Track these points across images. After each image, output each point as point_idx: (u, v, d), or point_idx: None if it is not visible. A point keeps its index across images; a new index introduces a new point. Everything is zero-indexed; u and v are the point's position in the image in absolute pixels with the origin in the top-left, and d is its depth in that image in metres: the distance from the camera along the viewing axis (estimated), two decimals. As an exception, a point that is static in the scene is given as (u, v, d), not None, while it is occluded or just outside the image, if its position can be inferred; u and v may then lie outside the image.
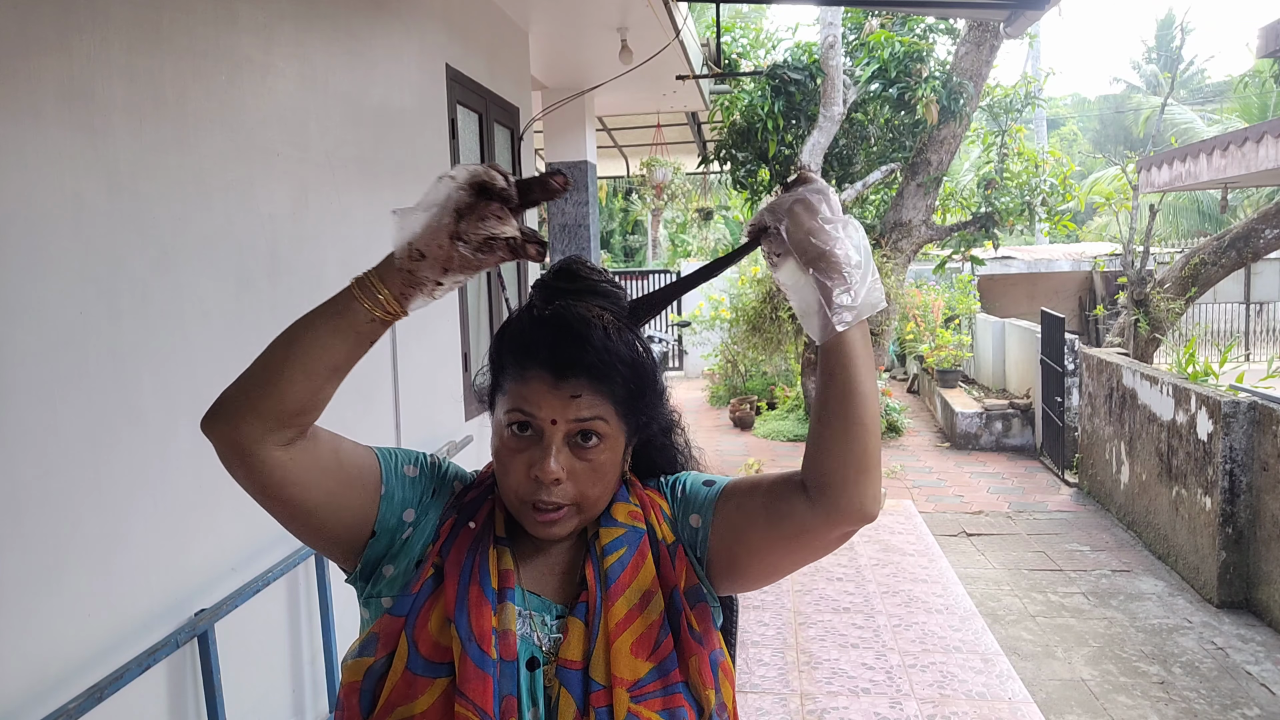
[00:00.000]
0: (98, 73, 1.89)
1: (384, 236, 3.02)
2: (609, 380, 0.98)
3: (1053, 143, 24.10)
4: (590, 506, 1.02)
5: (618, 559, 1.03)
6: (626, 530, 1.05)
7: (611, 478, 1.04)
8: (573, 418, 0.97)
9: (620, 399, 1.00)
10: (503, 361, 1.01)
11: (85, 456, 1.84)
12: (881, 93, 8.82)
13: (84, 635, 1.82)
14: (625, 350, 0.99)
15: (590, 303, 1.01)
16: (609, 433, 1.00)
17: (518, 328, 1.01)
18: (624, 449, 1.05)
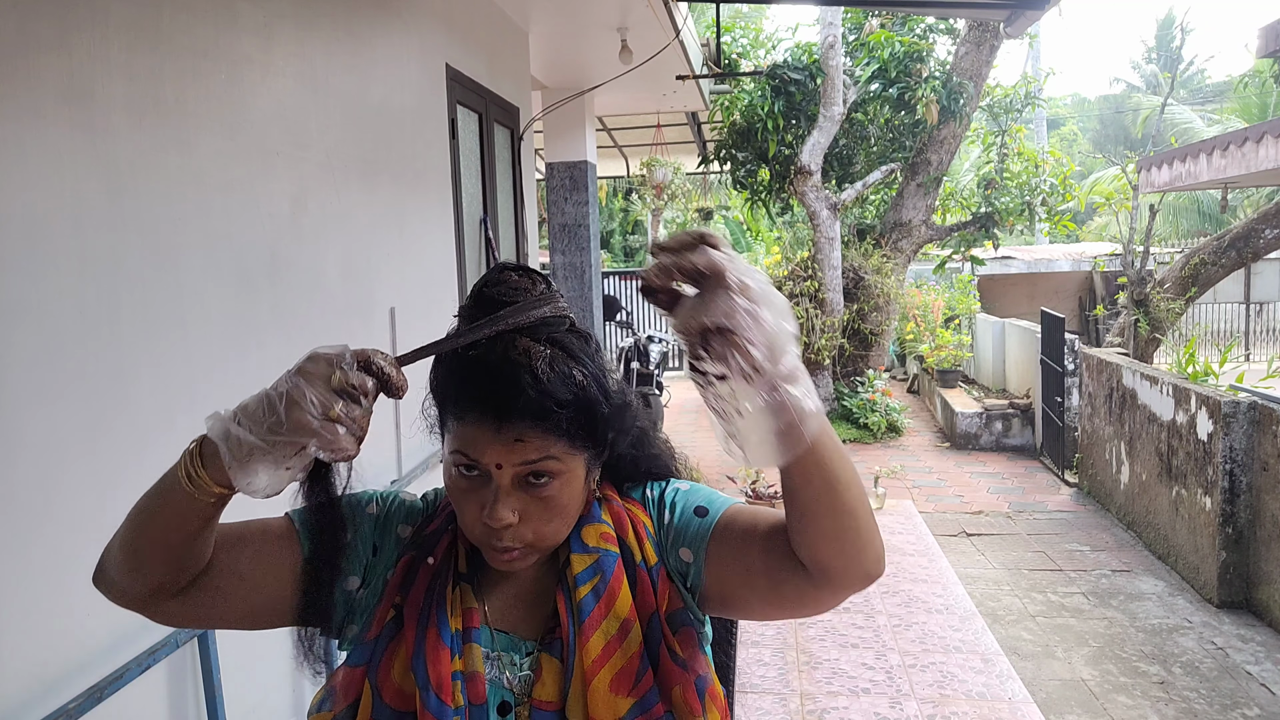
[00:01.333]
0: (98, 72, 1.89)
1: (383, 237, 3.03)
2: (552, 418, 0.90)
3: (1053, 143, 24.10)
4: (548, 541, 0.97)
5: (591, 589, 0.98)
6: (599, 555, 0.99)
7: (572, 510, 0.98)
8: (518, 461, 0.91)
9: (570, 432, 0.92)
10: (442, 398, 0.95)
11: (85, 456, 1.84)
12: (881, 93, 8.82)
13: (84, 635, 1.82)
14: (564, 385, 0.91)
15: (521, 336, 0.91)
16: (563, 468, 0.93)
17: (450, 368, 0.93)
18: (586, 475, 0.98)
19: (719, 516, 1.01)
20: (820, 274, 8.71)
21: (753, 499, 5.46)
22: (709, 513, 1.02)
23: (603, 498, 1.05)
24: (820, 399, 3.92)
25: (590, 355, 0.96)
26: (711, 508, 1.03)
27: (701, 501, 1.04)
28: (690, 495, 1.06)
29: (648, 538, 1.02)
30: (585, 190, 6.85)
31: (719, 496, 1.05)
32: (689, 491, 1.07)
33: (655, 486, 1.08)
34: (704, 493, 1.06)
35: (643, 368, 8.69)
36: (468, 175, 4.38)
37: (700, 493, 1.06)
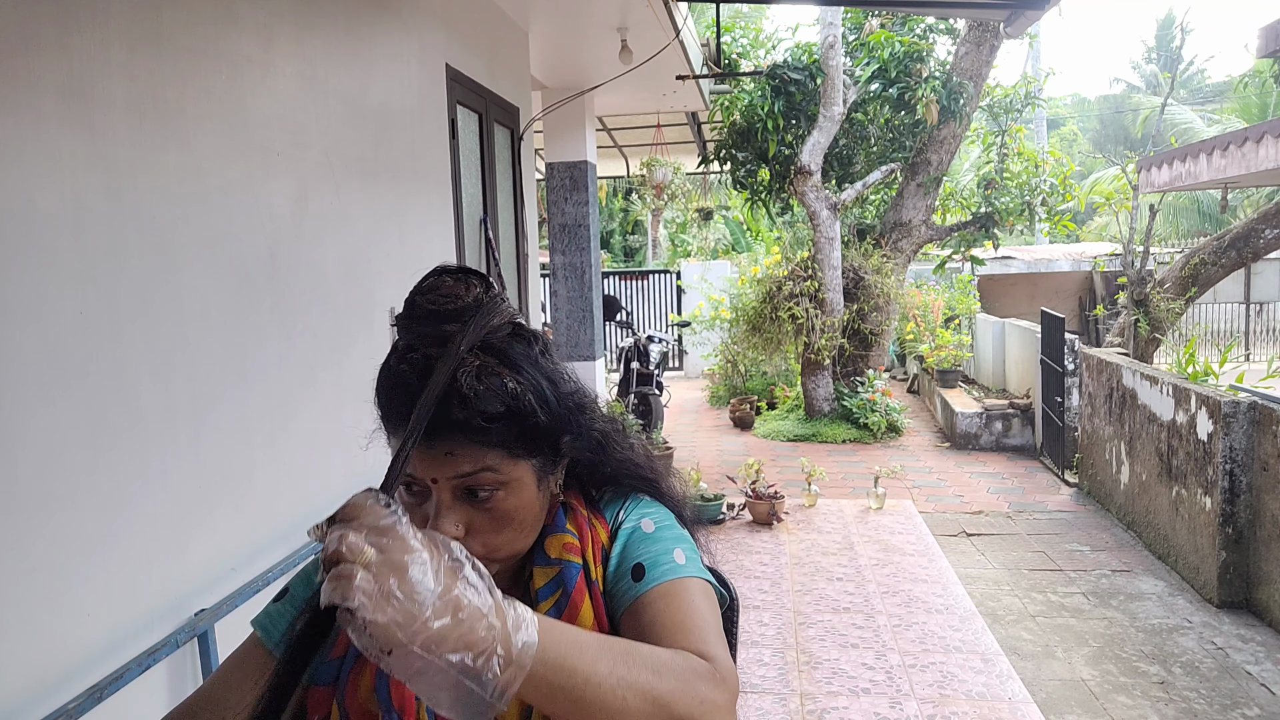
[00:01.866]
0: (97, 72, 1.89)
1: (383, 237, 3.03)
2: (483, 431, 0.86)
3: (1053, 143, 24.11)
4: (504, 552, 0.93)
5: (553, 604, 0.94)
6: (561, 568, 0.96)
7: (525, 519, 0.94)
8: (452, 475, 0.87)
9: (506, 442, 0.89)
10: (380, 413, 0.92)
11: (85, 456, 1.84)
12: (881, 93, 8.82)
13: (84, 635, 1.82)
14: (494, 396, 0.86)
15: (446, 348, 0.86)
16: (503, 478, 0.89)
17: (382, 379, 0.91)
18: (539, 482, 0.94)
19: (646, 591, 0.94)
20: (820, 274, 8.71)
21: (752, 499, 5.46)
22: (642, 578, 0.95)
23: (568, 505, 1.01)
24: (825, 397, 3.85)
25: (531, 360, 0.92)
26: (649, 573, 0.95)
27: (645, 558, 0.97)
28: (641, 543, 0.99)
29: (600, 559, 0.99)
30: (585, 190, 6.85)
31: (665, 559, 0.97)
32: (647, 537, 1.00)
33: (625, 507, 1.04)
34: (658, 543, 0.99)
35: (643, 368, 8.69)
36: (468, 175, 4.38)
37: (654, 543, 0.99)
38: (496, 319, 0.90)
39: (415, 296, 0.91)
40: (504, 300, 0.92)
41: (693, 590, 0.94)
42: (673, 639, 0.87)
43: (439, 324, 0.88)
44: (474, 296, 0.89)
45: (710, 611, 0.93)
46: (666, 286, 13.86)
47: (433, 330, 0.88)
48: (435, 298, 0.89)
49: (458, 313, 0.88)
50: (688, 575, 0.95)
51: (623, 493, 1.06)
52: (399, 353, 0.90)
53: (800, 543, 5.13)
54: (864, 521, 5.51)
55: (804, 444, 8.46)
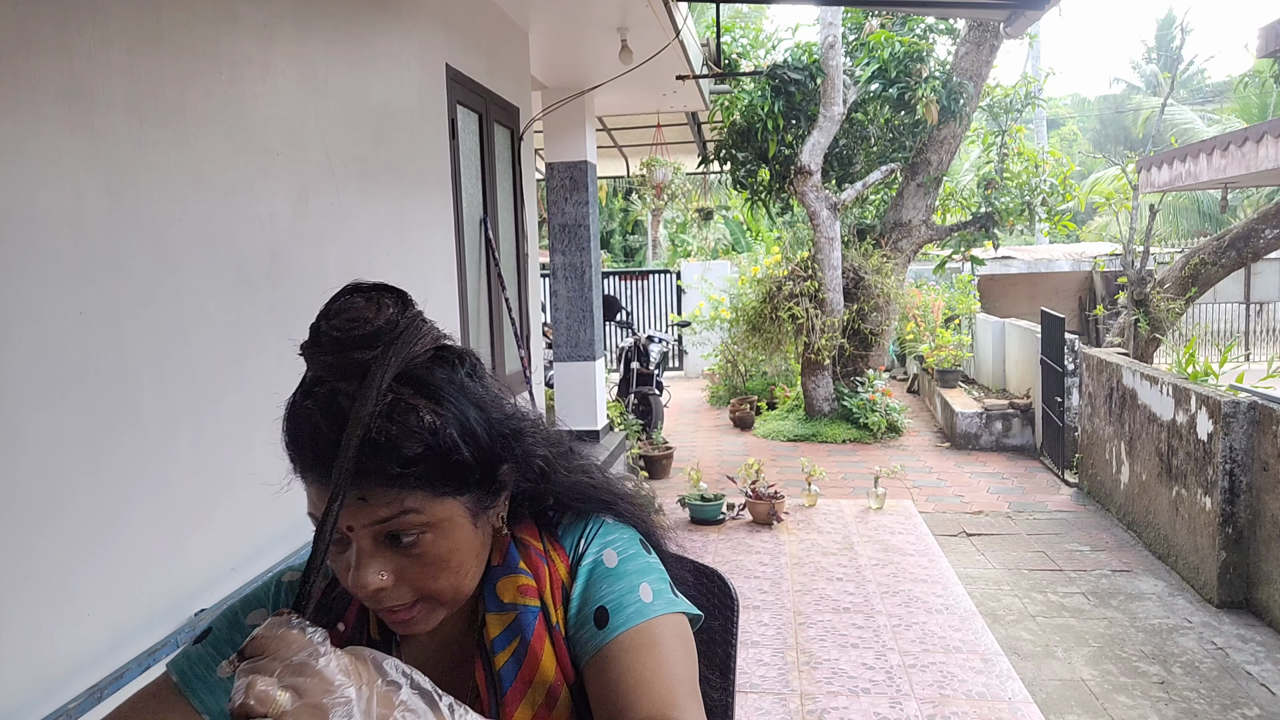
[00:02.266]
0: (98, 72, 1.89)
1: (383, 237, 3.04)
2: (395, 471, 0.77)
3: (1053, 143, 24.11)
4: (447, 597, 0.84)
5: (510, 655, 0.86)
6: (516, 613, 0.88)
7: (464, 560, 0.84)
8: (367, 522, 0.78)
9: (427, 481, 0.79)
10: (286, 451, 0.83)
11: (85, 457, 1.84)
12: (881, 93, 8.83)
13: (84, 635, 1.82)
14: (407, 436, 0.77)
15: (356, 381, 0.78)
16: (428, 520, 0.80)
17: (287, 417, 0.82)
18: (474, 518, 0.85)
19: (612, 640, 0.85)
20: (820, 274, 8.71)
21: (752, 499, 5.46)
22: (606, 624, 0.87)
23: (520, 541, 0.92)
24: (825, 397, 3.84)
25: (455, 385, 0.82)
26: (613, 618, 0.87)
27: (609, 600, 0.88)
28: (604, 581, 0.90)
29: (559, 601, 0.90)
30: (585, 190, 6.85)
31: (630, 600, 0.88)
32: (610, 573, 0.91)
33: (585, 534, 0.94)
34: (622, 579, 0.90)
35: (643, 368, 8.69)
36: (468, 175, 4.39)
37: (618, 580, 0.90)
38: (416, 345, 0.80)
39: (320, 322, 0.80)
40: (423, 320, 0.82)
41: (661, 637, 0.86)
42: (640, 704, 0.81)
43: (347, 352, 0.77)
44: (387, 318, 0.79)
45: (681, 658, 0.86)
46: (666, 286, 13.86)
47: (340, 360, 0.78)
48: (342, 322, 0.78)
49: (368, 338, 0.77)
50: (656, 615, 0.87)
51: (581, 516, 0.96)
52: (304, 387, 0.81)
53: (800, 543, 5.13)
54: (864, 521, 5.51)
55: (804, 444, 8.46)
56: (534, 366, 5.23)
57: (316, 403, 0.78)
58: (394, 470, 0.77)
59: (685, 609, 0.91)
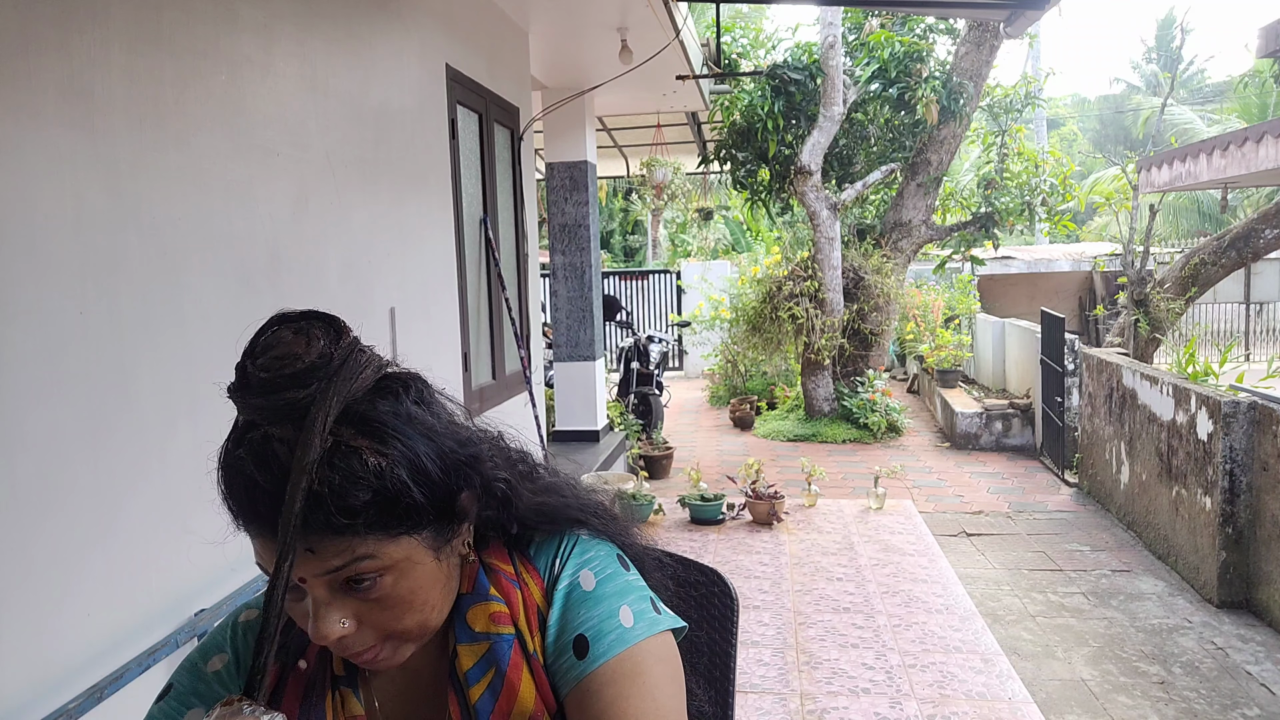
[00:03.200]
0: (98, 72, 1.89)
1: (383, 237, 3.03)
2: (341, 521, 0.72)
3: (1053, 143, 24.11)
4: (414, 634, 0.80)
5: (485, 687, 0.82)
6: (491, 643, 0.83)
7: (429, 596, 0.79)
8: (320, 572, 0.73)
9: (382, 523, 0.73)
10: (223, 501, 0.79)
11: (85, 456, 1.84)
12: (881, 93, 8.83)
13: (84, 635, 1.82)
14: (354, 485, 0.71)
15: (298, 419, 0.72)
16: (384, 563, 0.75)
17: (221, 466, 0.77)
18: (436, 552, 0.79)
19: (593, 672, 0.81)
20: (820, 274, 8.71)
21: (752, 499, 5.46)
22: (587, 654, 0.82)
23: (489, 567, 0.87)
24: (825, 397, 3.87)
25: (401, 418, 0.76)
26: (594, 647, 0.82)
27: (588, 628, 0.83)
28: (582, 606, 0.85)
29: (536, 626, 0.85)
30: (585, 190, 6.85)
31: (611, 626, 0.83)
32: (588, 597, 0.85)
33: (560, 553, 0.89)
34: (601, 604, 0.85)
35: (643, 368, 8.69)
36: (468, 175, 4.39)
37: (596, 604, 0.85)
38: (355, 381, 0.74)
39: (246, 362, 0.74)
40: (360, 349, 0.76)
41: (644, 665, 0.82)
42: None
43: (278, 393, 0.72)
44: (319, 352, 0.73)
45: (665, 686, 0.82)
46: (666, 286, 13.86)
47: (271, 403, 0.72)
48: (270, 361, 0.73)
49: (300, 376, 0.72)
50: (638, 640, 0.83)
51: (554, 532, 0.91)
52: (236, 434, 0.76)
53: (800, 543, 5.13)
54: (864, 521, 5.52)
55: (804, 444, 8.46)
56: (534, 366, 5.23)
57: (250, 451, 0.73)
58: (340, 521, 0.72)
59: (669, 624, 0.87)
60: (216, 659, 0.88)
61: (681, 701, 0.84)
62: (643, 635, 0.84)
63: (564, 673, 0.83)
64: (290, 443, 0.71)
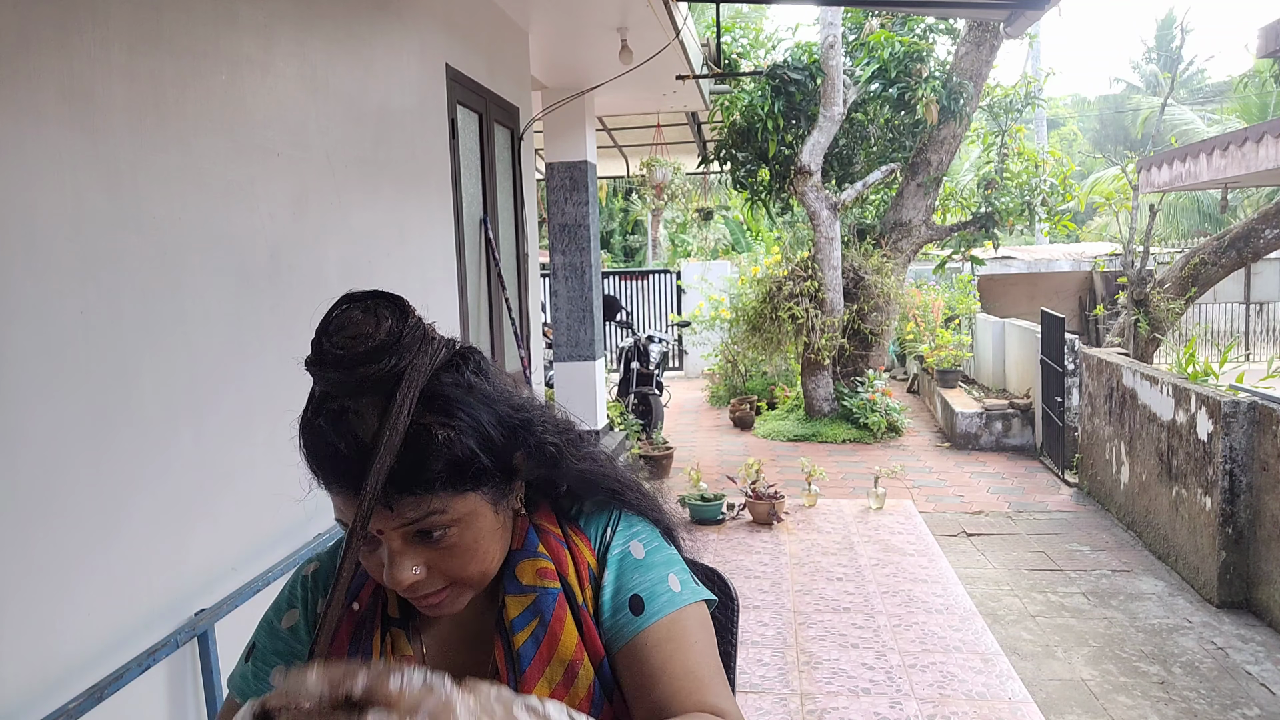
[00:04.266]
0: (98, 73, 1.89)
1: (383, 237, 3.03)
2: (416, 486, 0.81)
3: (1053, 143, 24.10)
4: (475, 580, 0.89)
5: (529, 634, 0.91)
6: (536, 595, 0.92)
7: (489, 547, 0.89)
8: (396, 525, 0.83)
9: (448, 483, 0.83)
10: (305, 463, 0.85)
11: (85, 456, 1.84)
12: (881, 93, 8.83)
13: (84, 635, 1.82)
14: (426, 458, 0.81)
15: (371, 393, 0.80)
16: (453, 517, 0.84)
17: (302, 433, 0.84)
18: (495, 506, 0.89)
19: (647, 628, 0.91)
20: (820, 274, 8.71)
21: (752, 499, 5.46)
22: (642, 612, 0.92)
23: (539, 527, 0.97)
24: (825, 397, 3.85)
25: (463, 389, 0.85)
26: (648, 605, 0.93)
27: (642, 589, 0.94)
28: (635, 571, 0.95)
29: (588, 579, 0.94)
30: (585, 190, 6.85)
31: (662, 589, 0.94)
32: (639, 564, 0.96)
33: (611, 525, 0.99)
34: (651, 570, 0.96)
35: (643, 368, 8.69)
36: (468, 175, 4.39)
37: (648, 570, 0.96)
38: (429, 365, 0.82)
39: (321, 339, 0.81)
40: (427, 332, 0.84)
41: (692, 625, 0.93)
42: (684, 691, 0.87)
43: (352, 369, 0.79)
44: (387, 331, 0.80)
45: (709, 644, 0.93)
46: (666, 286, 13.86)
47: (345, 377, 0.80)
48: (344, 340, 0.80)
49: (371, 354, 0.79)
50: (685, 604, 0.94)
51: (602, 508, 1.00)
52: (314, 404, 0.83)
53: (800, 543, 5.13)
54: (864, 521, 5.52)
55: (804, 444, 8.46)
56: (534, 366, 5.23)
57: (328, 421, 0.81)
58: (415, 486, 0.81)
59: (706, 596, 0.98)
60: (288, 616, 0.98)
61: (719, 659, 0.94)
62: (689, 600, 0.94)
63: (620, 628, 0.92)
64: (363, 413, 0.80)
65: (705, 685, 0.88)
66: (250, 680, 0.97)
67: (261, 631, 0.99)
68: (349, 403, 0.80)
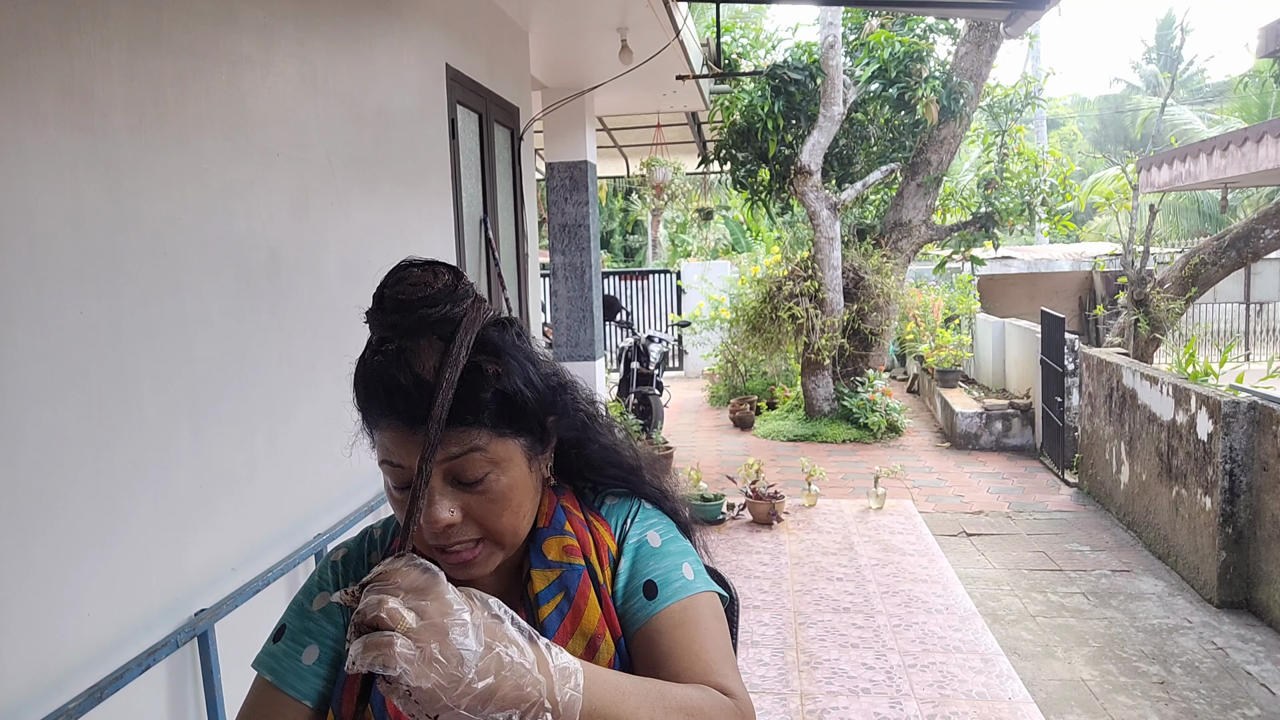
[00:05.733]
0: (98, 73, 1.89)
1: (383, 237, 3.03)
2: (466, 415, 0.86)
3: (1053, 143, 24.11)
4: (507, 537, 0.92)
5: (554, 608, 0.95)
6: (562, 570, 0.96)
7: (522, 501, 0.93)
8: (441, 458, 0.86)
9: (491, 421, 0.88)
10: (360, 410, 0.91)
11: (85, 456, 1.84)
12: (881, 93, 8.83)
13: (84, 635, 1.82)
14: (478, 387, 0.87)
15: (428, 333, 0.86)
16: (493, 458, 0.89)
17: (360, 374, 0.90)
18: (529, 462, 0.94)
19: (660, 612, 0.95)
20: (820, 274, 8.71)
21: (752, 499, 5.46)
22: (656, 596, 0.96)
23: (565, 509, 1.01)
24: (824, 397, 3.87)
25: (509, 343, 0.92)
26: (661, 591, 0.96)
27: (656, 575, 0.98)
28: (651, 558, 1.00)
29: (608, 561, 0.99)
30: (585, 190, 6.85)
31: (676, 575, 0.98)
32: (655, 552, 1.00)
33: (630, 515, 1.04)
34: (667, 558, 1.00)
35: (643, 368, 8.69)
36: (468, 175, 4.39)
37: (663, 558, 1.00)
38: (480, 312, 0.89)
39: (384, 289, 0.89)
40: (475, 290, 0.91)
41: (704, 611, 0.96)
42: (693, 672, 0.90)
43: (410, 312, 0.86)
44: (444, 283, 0.88)
45: (721, 632, 0.96)
46: (666, 286, 13.86)
47: (403, 319, 0.86)
48: (404, 288, 0.87)
49: (428, 300, 0.86)
50: (698, 591, 0.97)
51: (623, 497, 1.06)
52: (373, 346, 0.89)
53: (800, 543, 5.13)
54: (864, 521, 5.52)
55: (804, 444, 8.45)
56: (534, 366, 5.22)
57: (387, 359, 0.86)
58: (465, 416, 0.86)
59: (719, 589, 1.02)
60: (319, 598, 1.01)
61: (731, 647, 0.98)
62: (701, 588, 0.98)
63: (634, 613, 0.96)
64: (420, 351, 0.85)
65: (713, 667, 0.91)
66: (281, 659, 0.99)
67: (291, 614, 1.02)
68: (407, 342, 0.86)
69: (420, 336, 0.86)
